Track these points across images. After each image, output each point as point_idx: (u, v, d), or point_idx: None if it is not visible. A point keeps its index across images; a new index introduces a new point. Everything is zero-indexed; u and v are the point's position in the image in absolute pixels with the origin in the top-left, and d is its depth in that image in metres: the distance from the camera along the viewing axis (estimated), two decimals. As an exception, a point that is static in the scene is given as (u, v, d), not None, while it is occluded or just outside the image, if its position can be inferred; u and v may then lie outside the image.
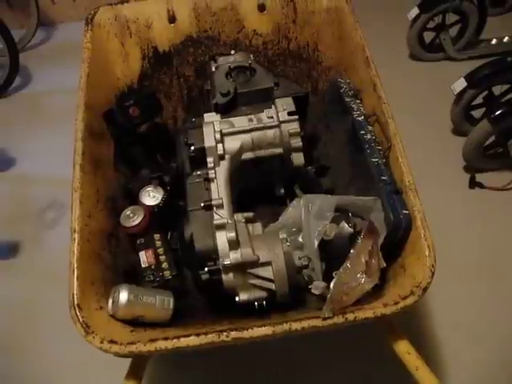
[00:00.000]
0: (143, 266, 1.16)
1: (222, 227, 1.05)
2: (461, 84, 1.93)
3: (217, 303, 1.17)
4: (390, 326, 1.00)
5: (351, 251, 0.99)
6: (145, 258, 1.17)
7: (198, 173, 1.20)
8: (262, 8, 1.46)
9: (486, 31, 2.48)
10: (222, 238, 1.03)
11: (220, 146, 1.17)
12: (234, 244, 1.01)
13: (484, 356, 1.48)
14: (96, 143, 1.21)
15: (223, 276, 1.01)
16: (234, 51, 1.39)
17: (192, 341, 0.88)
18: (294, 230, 1.15)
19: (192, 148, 1.18)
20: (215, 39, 1.48)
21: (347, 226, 1.06)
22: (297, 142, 1.22)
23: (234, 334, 0.88)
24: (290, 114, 1.22)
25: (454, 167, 2.01)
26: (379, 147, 1.16)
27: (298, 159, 1.24)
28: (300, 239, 1.14)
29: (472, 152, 1.91)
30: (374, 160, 1.13)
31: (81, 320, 0.90)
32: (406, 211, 1.02)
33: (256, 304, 1.01)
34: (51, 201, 2.01)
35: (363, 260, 0.98)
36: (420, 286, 0.92)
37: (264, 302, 1.01)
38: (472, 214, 1.87)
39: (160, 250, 1.18)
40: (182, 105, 1.59)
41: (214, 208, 1.10)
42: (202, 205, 1.11)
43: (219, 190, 1.14)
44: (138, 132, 1.39)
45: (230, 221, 1.07)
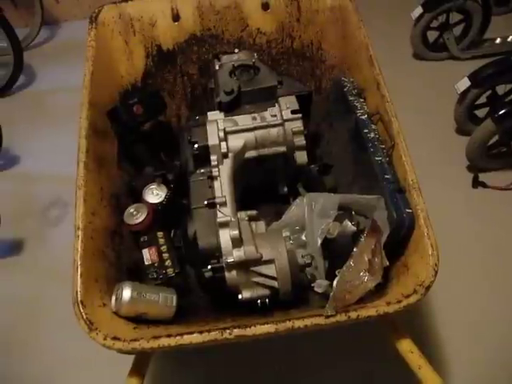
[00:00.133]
0: (146, 263, 1.16)
1: (225, 225, 1.05)
2: (464, 83, 1.93)
3: (220, 301, 1.17)
4: (393, 324, 1.00)
5: (354, 249, 0.99)
6: (148, 255, 1.17)
7: (201, 171, 1.20)
8: (265, 6, 1.46)
9: (490, 30, 2.47)
10: (225, 236, 1.04)
11: (223, 144, 1.17)
12: (237, 242, 1.01)
13: (486, 355, 1.48)
14: (100, 141, 1.21)
15: (226, 274, 1.01)
16: (237, 50, 1.39)
17: (195, 338, 0.88)
18: (297, 228, 1.15)
19: (195, 146, 1.18)
20: (219, 38, 1.48)
21: (350, 225, 1.06)
22: (300, 141, 1.22)
23: (236, 331, 0.89)
24: (293, 112, 1.22)
25: (458, 166, 2.01)
26: (382, 146, 1.15)
27: (302, 158, 1.24)
28: (303, 237, 1.14)
29: (475, 151, 1.91)
30: (377, 159, 1.13)
31: (84, 317, 0.90)
32: (409, 210, 1.02)
33: (259, 302, 1.01)
34: (55, 199, 2.01)
35: (366, 258, 0.98)
36: (423, 285, 0.92)
37: (267, 300, 1.01)
38: (475, 213, 1.87)
39: (163, 248, 1.18)
40: (186, 103, 1.59)
41: (218, 206, 1.10)
42: (206, 203, 1.11)
43: (223, 188, 1.14)
44: (142, 130, 1.40)
45: (233, 219, 1.07)
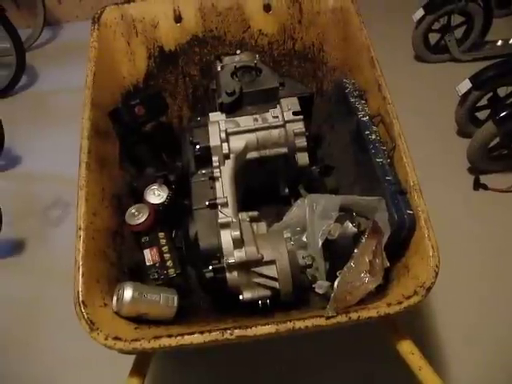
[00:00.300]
0: (148, 263, 1.16)
1: (226, 226, 1.05)
2: (466, 85, 1.93)
3: (221, 301, 1.18)
4: (394, 325, 1.00)
5: (355, 251, 0.99)
6: (149, 255, 1.17)
7: (203, 172, 1.21)
8: (267, 8, 1.46)
9: (492, 33, 2.48)
10: (226, 237, 1.04)
11: (225, 145, 1.18)
12: (238, 243, 1.02)
13: (486, 357, 1.48)
14: (102, 142, 1.22)
15: (227, 274, 1.02)
16: (239, 51, 1.39)
17: (196, 338, 0.88)
18: (298, 229, 1.16)
19: (197, 147, 1.18)
20: (221, 39, 1.49)
21: (351, 226, 1.06)
22: (301, 142, 1.23)
23: (237, 332, 0.89)
24: (295, 113, 1.22)
25: (459, 168, 2.01)
26: (384, 147, 1.16)
27: (303, 159, 1.24)
28: (304, 239, 1.14)
29: (476, 153, 1.91)
30: (378, 160, 1.13)
31: (85, 317, 0.90)
32: (410, 211, 1.02)
33: (260, 303, 1.01)
34: (56, 199, 2.02)
35: (367, 260, 0.98)
36: (424, 286, 0.92)
37: (268, 301, 1.01)
38: (476, 215, 1.87)
39: (164, 248, 1.18)
40: (188, 104, 1.59)
41: (219, 207, 1.10)
42: (207, 203, 1.11)
43: (224, 188, 1.14)
44: (144, 131, 1.40)
45: (234, 219, 1.07)
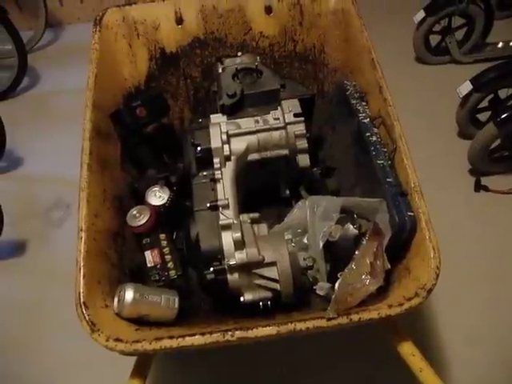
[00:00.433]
0: (149, 265, 1.16)
1: (227, 227, 1.05)
2: (466, 87, 1.93)
3: (222, 303, 1.17)
4: (395, 327, 1.00)
5: (356, 252, 0.99)
6: (150, 257, 1.17)
7: (204, 173, 1.21)
8: (268, 10, 1.46)
9: (493, 34, 2.48)
10: (227, 238, 1.04)
11: (226, 146, 1.18)
12: (239, 244, 1.02)
13: (487, 358, 1.47)
14: (103, 143, 1.22)
15: (228, 276, 1.02)
16: (240, 53, 1.39)
17: (197, 340, 0.88)
18: (299, 231, 1.16)
19: (198, 149, 1.18)
20: (222, 41, 1.49)
21: (352, 228, 1.06)
22: (302, 144, 1.23)
23: (238, 333, 0.89)
24: (296, 115, 1.23)
25: (459, 170, 2.01)
26: (385, 149, 1.16)
27: (304, 161, 1.24)
28: (305, 240, 1.14)
29: (477, 155, 1.91)
30: (379, 162, 1.13)
31: (87, 318, 0.90)
32: (411, 213, 1.02)
33: (261, 304, 1.01)
34: (58, 200, 2.02)
35: (368, 261, 0.98)
36: (425, 288, 0.92)
37: (269, 303, 1.01)
38: (477, 216, 1.87)
39: (166, 250, 1.18)
40: (189, 106, 1.59)
41: (220, 208, 1.10)
42: (208, 205, 1.11)
43: (225, 190, 1.14)
44: (145, 132, 1.40)
45: (235, 221, 1.07)
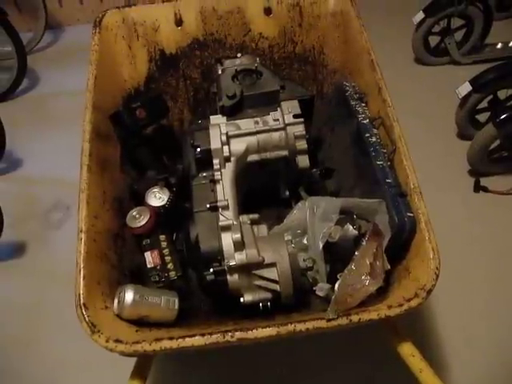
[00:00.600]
0: (149, 266, 1.17)
1: (227, 228, 1.05)
2: (466, 88, 1.94)
3: (222, 304, 1.17)
4: (394, 327, 1.00)
5: (356, 253, 0.99)
6: (150, 258, 1.17)
7: (203, 174, 1.21)
8: (268, 11, 1.46)
9: (492, 35, 2.49)
10: (227, 239, 1.04)
11: (226, 148, 1.18)
12: (239, 245, 1.02)
13: (486, 359, 1.48)
14: (103, 144, 1.22)
15: (228, 277, 1.02)
16: (240, 54, 1.39)
17: (197, 341, 0.88)
18: (298, 231, 1.16)
19: (198, 150, 1.18)
20: (221, 42, 1.49)
21: (352, 228, 1.06)
22: (302, 145, 1.23)
23: (238, 334, 0.89)
24: (295, 116, 1.23)
25: (459, 171, 2.02)
26: (384, 150, 1.16)
27: (303, 161, 1.24)
28: (305, 241, 1.14)
29: (477, 156, 1.91)
30: (378, 163, 1.13)
31: (87, 319, 0.90)
32: (411, 214, 1.02)
33: (261, 305, 1.01)
34: (57, 201, 2.02)
35: (368, 262, 0.98)
36: (424, 289, 0.92)
37: (269, 303, 1.01)
38: (476, 217, 1.87)
39: (165, 251, 1.18)
40: (189, 107, 1.59)
41: (220, 209, 1.10)
42: (208, 206, 1.11)
43: (225, 191, 1.14)
44: (145, 134, 1.40)
45: (235, 222, 1.07)
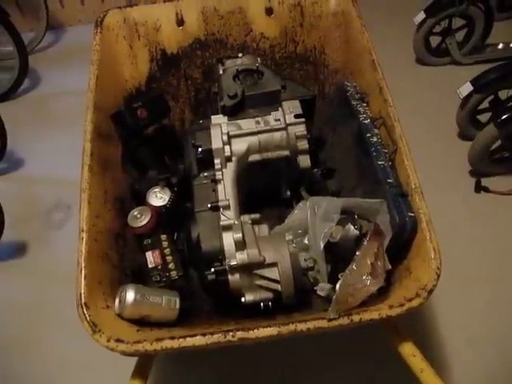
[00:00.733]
0: (150, 266, 1.16)
1: (228, 228, 1.06)
2: (467, 88, 1.94)
3: (223, 304, 1.17)
4: (395, 327, 1.00)
5: (357, 253, 0.99)
6: (151, 258, 1.17)
7: (205, 174, 1.21)
8: (269, 11, 1.47)
9: (493, 36, 2.49)
10: (228, 239, 1.04)
11: (227, 147, 1.18)
12: (240, 245, 1.02)
13: (487, 359, 1.47)
14: (104, 144, 1.22)
15: (229, 277, 1.02)
16: (241, 54, 1.39)
17: (198, 340, 0.88)
18: (300, 231, 1.16)
19: (199, 150, 1.19)
20: (223, 42, 1.49)
21: (353, 228, 1.06)
22: (303, 145, 1.23)
23: (239, 334, 0.89)
24: (296, 116, 1.23)
25: (460, 171, 2.02)
26: (385, 150, 1.16)
27: (305, 161, 1.24)
28: (306, 241, 1.14)
29: (478, 156, 1.91)
30: (380, 163, 1.13)
31: (88, 319, 0.90)
32: (412, 214, 1.02)
33: (262, 305, 1.01)
34: (58, 201, 2.02)
35: (369, 262, 0.98)
36: (425, 289, 0.92)
37: (270, 303, 1.01)
38: (477, 217, 1.87)
39: (167, 251, 1.18)
40: (190, 107, 1.59)
41: (221, 209, 1.10)
42: (209, 206, 1.11)
43: (226, 191, 1.14)
44: (146, 134, 1.41)
45: (236, 222, 1.07)
